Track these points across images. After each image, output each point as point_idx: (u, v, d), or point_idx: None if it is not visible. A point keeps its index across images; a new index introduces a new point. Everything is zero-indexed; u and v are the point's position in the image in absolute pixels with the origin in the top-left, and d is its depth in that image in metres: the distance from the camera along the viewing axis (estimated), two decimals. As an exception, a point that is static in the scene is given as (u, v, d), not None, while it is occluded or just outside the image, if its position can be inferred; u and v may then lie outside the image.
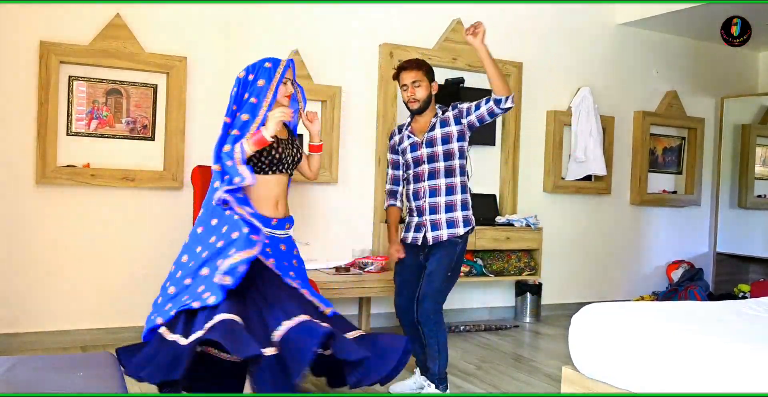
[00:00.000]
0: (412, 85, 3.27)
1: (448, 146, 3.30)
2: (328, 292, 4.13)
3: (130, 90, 4.24)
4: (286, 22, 4.64)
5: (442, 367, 3.33)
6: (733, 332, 2.47)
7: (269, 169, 2.99)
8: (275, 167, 3.00)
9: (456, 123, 3.31)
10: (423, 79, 3.28)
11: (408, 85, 3.28)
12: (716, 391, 2.25)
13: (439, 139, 3.30)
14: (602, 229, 5.98)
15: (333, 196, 4.81)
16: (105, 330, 4.20)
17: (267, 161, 2.96)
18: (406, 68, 3.29)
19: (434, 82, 3.35)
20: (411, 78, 3.26)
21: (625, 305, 2.95)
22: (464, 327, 4.93)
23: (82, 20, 4.09)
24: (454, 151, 3.30)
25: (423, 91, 3.27)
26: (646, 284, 6.25)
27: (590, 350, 2.73)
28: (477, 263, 5.00)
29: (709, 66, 6.53)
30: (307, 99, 4.54)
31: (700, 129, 6.43)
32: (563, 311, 5.68)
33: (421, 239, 3.35)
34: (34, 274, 4.05)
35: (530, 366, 4.07)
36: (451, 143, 3.30)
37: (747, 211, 6.48)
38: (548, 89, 5.62)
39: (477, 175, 5.32)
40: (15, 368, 2.09)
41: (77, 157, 4.13)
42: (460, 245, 3.33)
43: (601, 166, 5.60)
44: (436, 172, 3.31)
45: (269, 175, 2.99)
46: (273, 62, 2.97)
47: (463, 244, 3.35)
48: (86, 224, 4.15)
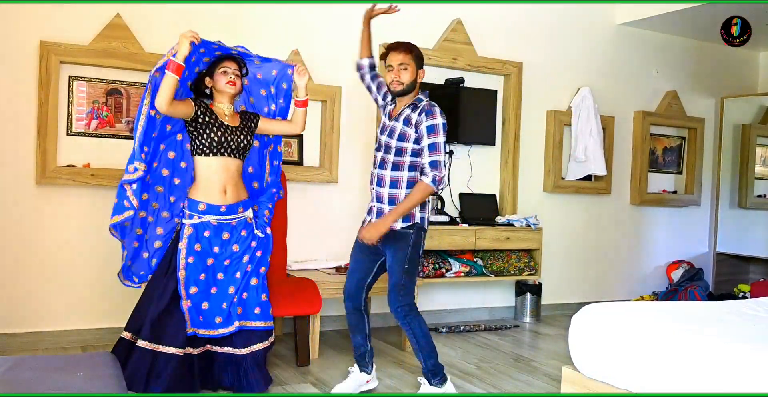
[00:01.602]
0: (399, 67, 3.18)
1: (401, 144, 3.18)
2: (328, 292, 4.13)
3: (130, 90, 4.24)
4: (286, 22, 4.64)
5: (428, 360, 3.25)
6: (733, 332, 2.47)
7: (209, 151, 3.19)
8: (215, 150, 3.19)
9: (417, 131, 3.16)
10: (410, 63, 3.20)
11: (394, 67, 3.19)
12: (716, 391, 2.25)
13: (398, 133, 3.18)
14: (602, 229, 5.98)
15: (333, 196, 4.81)
16: (105, 330, 4.20)
17: (207, 143, 3.17)
18: (395, 49, 3.21)
19: (422, 70, 3.26)
20: (398, 60, 3.18)
21: (625, 305, 2.95)
22: (464, 327, 4.93)
23: (82, 20, 4.09)
24: (406, 149, 3.17)
25: (408, 75, 3.18)
26: (646, 284, 6.25)
27: (590, 350, 2.73)
28: (477, 263, 5.00)
29: (709, 66, 6.54)
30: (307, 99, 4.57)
31: (700, 129, 6.43)
32: (563, 311, 5.69)
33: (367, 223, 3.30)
34: (34, 274, 4.05)
35: (530, 366, 4.07)
36: (406, 142, 3.17)
37: (747, 211, 6.48)
38: (548, 89, 5.62)
39: (477, 175, 5.34)
40: (15, 368, 2.10)
41: (77, 157, 4.13)
42: (411, 237, 3.18)
43: (601, 166, 5.60)
44: (385, 163, 3.22)
45: (210, 158, 3.20)
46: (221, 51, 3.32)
47: (415, 236, 3.19)
48: (86, 224, 4.15)
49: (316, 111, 4.73)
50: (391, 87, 3.21)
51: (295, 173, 4.60)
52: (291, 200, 4.44)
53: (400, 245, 3.19)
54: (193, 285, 3.21)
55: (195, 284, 3.22)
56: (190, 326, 3.19)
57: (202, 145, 3.19)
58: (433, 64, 5.04)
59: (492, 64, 5.26)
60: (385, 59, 3.26)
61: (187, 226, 3.22)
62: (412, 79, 3.19)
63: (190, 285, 3.20)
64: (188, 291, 3.20)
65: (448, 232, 4.79)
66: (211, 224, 3.24)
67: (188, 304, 3.19)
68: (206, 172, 3.23)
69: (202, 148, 3.20)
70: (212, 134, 3.18)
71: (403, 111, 3.23)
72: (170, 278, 3.21)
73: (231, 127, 3.25)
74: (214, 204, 3.22)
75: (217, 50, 3.29)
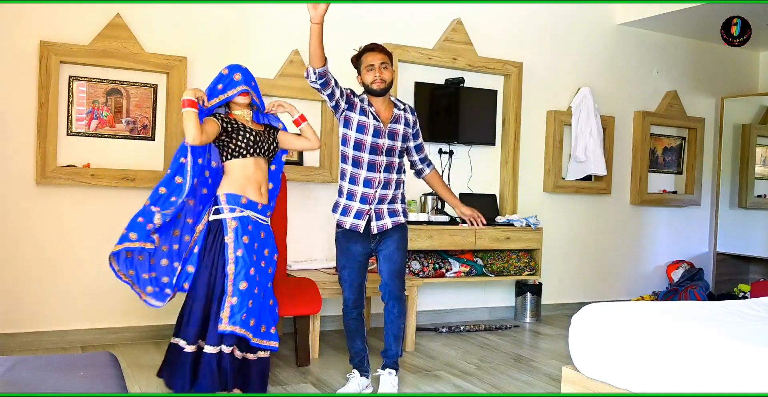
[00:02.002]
0: (381, 66, 3.26)
1: (404, 144, 3.40)
2: (328, 292, 4.13)
3: (130, 90, 4.24)
4: (286, 22, 4.64)
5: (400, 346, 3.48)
6: (734, 332, 2.47)
7: (246, 152, 3.23)
8: (252, 149, 3.23)
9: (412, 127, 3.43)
10: (389, 63, 3.32)
11: (376, 66, 3.25)
12: (716, 391, 2.25)
13: (401, 135, 3.35)
14: (602, 229, 5.98)
15: (333, 196, 4.79)
16: (105, 330, 4.20)
17: (243, 144, 3.22)
18: (374, 49, 3.31)
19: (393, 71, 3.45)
20: (380, 59, 3.27)
21: (625, 305, 2.95)
22: (464, 327, 4.93)
23: (82, 20, 4.09)
24: (402, 149, 3.40)
25: (389, 74, 3.29)
26: (646, 284, 6.25)
27: (590, 350, 2.73)
28: (477, 262, 5.00)
29: (709, 66, 6.53)
30: (308, 99, 4.58)
31: (700, 129, 6.43)
32: (563, 311, 5.69)
33: (363, 227, 3.29)
34: (34, 274, 4.05)
35: (530, 366, 4.07)
36: (406, 142, 3.42)
37: (747, 211, 6.48)
38: (548, 89, 5.62)
39: (477, 175, 5.34)
40: (15, 368, 2.09)
41: (77, 157, 4.13)
42: (407, 230, 3.46)
43: (601, 166, 5.60)
44: (391, 166, 3.33)
45: (247, 158, 3.24)
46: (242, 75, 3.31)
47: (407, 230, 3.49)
48: (86, 224, 4.15)
49: (316, 111, 4.73)
50: (373, 85, 3.27)
51: (295, 173, 4.60)
52: (291, 200, 4.44)
53: (401, 235, 3.39)
54: (244, 280, 3.11)
55: (245, 279, 3.12)
56: (228, 324, 3.07)
57: (237, 147, 3.22)
58: (433, 64, 5.05)
59: (492, 64, 5.26)
60: (359, 60, 3.33)
61: (229, 219, 3.15)
62: (391, 79, 3.32)
63: (239, 280, 3.11)
64: (237, 286, 3.09)
65: (448, 232, 4.79)
66: (251, 220, 3.21)
67: (233, 301, 3.08)
68: (244, 171, 3.24)
69: (238, 150, 3.22)
70: (243, 138, 3.23)
71: (396, 113, 3.35)
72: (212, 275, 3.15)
73: (257, 131, 3.30)
74: (254, 201, 3.24)
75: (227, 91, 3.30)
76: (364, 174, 3.27)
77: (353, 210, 3.29)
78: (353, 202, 3.30)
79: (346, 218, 3.30)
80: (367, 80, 3.28)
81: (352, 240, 3.33)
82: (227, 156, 3.25)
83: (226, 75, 3.27)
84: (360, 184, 3.28)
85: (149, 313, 4.31)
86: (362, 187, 3.28)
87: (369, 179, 3.28)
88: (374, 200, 3.29)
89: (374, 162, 3.28)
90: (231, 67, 3.31)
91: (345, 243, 3.35)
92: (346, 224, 3.30)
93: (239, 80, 3.25)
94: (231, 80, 3.26)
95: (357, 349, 3.44)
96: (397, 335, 3.40)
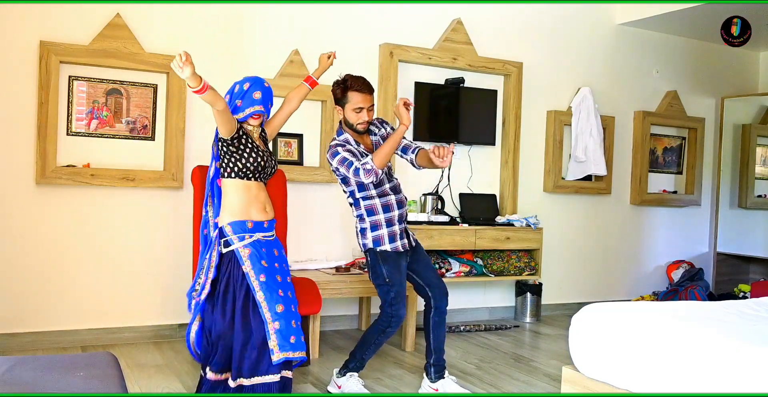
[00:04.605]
0: (368, 110, 3.27)
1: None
2: (328, 292, 4.13)
3: (130, 90, 4.24)
4: (286, 22, 4.64)
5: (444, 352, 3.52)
6: (734, 332, 2.47)
7: (252, 176, 3.03)
8: (259, 175, 3.06)
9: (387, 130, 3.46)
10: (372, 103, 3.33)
11: (364, 109, 3.25)
12: (717, 391, 2.25)
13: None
14: (602, 229, 5.98)
15: (333, 196, 4.81)
16: (105, 330, 4.20)
17: (251, 167, 3.01)
18: (363, 92, 3.24)
19: None
20: (369, 102, 3.26)
21: (625, 305, 2.95)
22: (464, 327, 4.93)
23: (82, 20, 4.09)
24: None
25: (373, 114, 3.34)
26: (646, 284, 6.24)
27: (590, 350, 2.73)
28: (477, 263, 5.00)
29: (709, 66, 6.53)
30: (308, 99, 4.56)
31: (700, 129, 6.42)
32: (563, 311, 5.69)
33: (408, 244, 3.42)
34: (34, 274, 4.05)
35: (530, 366, 4.07)
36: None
37: (747, 211, 6.48)
38: (548, 89, 5.62)
39: (477, 175, 5.34)
40: (15, 368, 2.09)
41: (77, 157, 4.13)
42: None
43: (601, 166, 5.60)
44: (398, 187, 3.47)
45: (252, 181, 3.05)
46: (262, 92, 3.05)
47: None
48: (86, 224, 4.15)
49: (316, 111, 4.73)
50: (359, 127, 3.30)
51: (295, 173, 4.60)
52: (291, 199, 4.44)
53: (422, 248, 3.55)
54: (278, 302, 2.95)
55: (278, 301, 2.96)
56: (279, 351, 2.91)
57: (246, 168, 3.00)
58: (433, 64, 5.05)
59: (492, 64, 5.26)
60: (345, 95, 3.26)
61: (241, 249, 2.97)
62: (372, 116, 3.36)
63: (274, 304, 2.94)
64: (274, 311, 2.93)
65: (448, 232, 4.79)
66: (261, 242, 3.04)
67: (276, 326, 2.91)
68: (247, 194, 3.04)
69: (244, 171, 3.00)
70: (253, 160, 3.01)
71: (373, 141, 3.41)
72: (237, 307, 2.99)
73: (263, 152, 3.09)
74: (258, 221, 3.04)
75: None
76: (394, 198, 3.39)
77: (398, 232, 3.38)
78: (394, 227, 3.37)
79: (395, 243, 3.36)
80: (352, 120, 3.27)
81: (402, 258, 3.40)
82: (230, 174, 3.02)
83: (247, 91, 3.01)
84: (395, 208, 3.38)
85: (149, 313, 4.32)
86: (398, 210, 3.39)
87: (400, 201, 3.42)
88: (404, 217, 3.44)
89: (395, 186, 3.44)
90: (253, 82, 3.03)
91: (397, 260, 3.36)
92: (398, 248, 3.36)
93: (258, 99, 3.01)
94: (250, 99, 3.01)
95: (367, 360, 3.47)
96: (442, 342, 3.47)
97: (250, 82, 3.03)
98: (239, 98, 3.03)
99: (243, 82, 3.05)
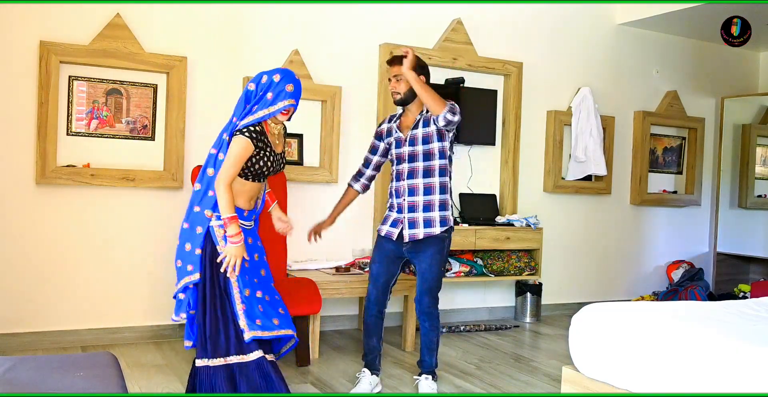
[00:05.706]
0: (395, 79, 3.34)
1: (428, 146, 3.32)
2: (328, 292, 4.13)
3: (130, 90, 4.24)
4: (286, 22, 4.64)
5: (435, 357, 3.51)
6: (734, 332, 2.47)
7: (254, 178, 3.00)
8: (262, 177, 3.02)
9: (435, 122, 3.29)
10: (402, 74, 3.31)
11: (391, 79, 3.36)
12: (717, 391, 2.25)
13: (420, 138, 3.33)
14: (602, 229, 5.98)
15: (333, 196, 4.80)
16: (105, 330, 4.20)
17: (260, 171, 2.97)
18: (390, 63, 3.38)
19: (421, 76, 3.29)
20: (394, 72, 3.34)
21: (625, 305, 2.95)
22: (464, 327, 4.93)
23: (82, 20, 4.09)
24: (434, 151, 3.32)
25: (404, 85, 3.32)
26: (646, 284, 6.25)
27: (590, 350, 2.73)
28: (477, 262, 5.00)
29: (709, 66, 6.53)
30: (308, 99, 4.57)
31: (700, 129, 6.42)
32: (563, 311, 5.69)
33: (396, 234, 3.39)
34: (34, 274, 4.04)
35: (530, 366, 4.07)
36: (431, 143, 3.32)
37: (747, 211, 6.48)
38: (548, 89, 5.62)
39: (477, 176, 5.34)
40: (15, 368, 2.09)
41: (77, 157, 4.13)
42: (447, 241, 3.40)
43: (601, 166, 5.60)
44: (415, 172, 3.34)
45: (250, 182, 2.99)
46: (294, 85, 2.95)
47: (448, 240, 3.42)
48: (86, 224, 4.15)
49: (316, 111, 4.73)
50: (393, 97, 3.40)
51: (295, 173, 4.60)
52: (291, 199, 4.44)
53: (438, 248, 3.36)
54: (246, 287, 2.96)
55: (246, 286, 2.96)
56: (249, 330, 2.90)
57: (256, 172, 2.96)
58: (433, 64, 5.04)
59: (492, 64, 5.26)
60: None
61: (216, 228, 2.92)
62: (408, 88, 3.32)
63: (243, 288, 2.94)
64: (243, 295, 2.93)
65: (448, 232, 4.79)
66: None
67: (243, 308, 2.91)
68: (241, 188, 2.99)
69: (253, 174, 2.96)
70: (263, 165, 2.95)
71: (417, 119, 3.37)
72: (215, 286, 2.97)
73: (277, 155, 3.03)
74: (240, 208, 2.99)
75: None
76: (394, 185, 3.43)
77: (390, 219, 3.43)
78: (392, 212, 3.44)
79: (383, 226, 3.45)
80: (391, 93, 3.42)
81: (387, 243, 3.43)
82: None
83: (278, 83, 2.87)
84: (393, 195, 3.43)
85: (149, 313, 4.32)
86: (395, 199, 3.41)
87: (396, 189, 3.41)
88: (404, 208, 3.37)
89: (399, 171, 3.40)
90: (284, 74, 2.90)
91: (380, 242, 3.45)
92: (382, 231, 3.44)
93: (291, 93, 2.88)
94: (283, 91, 2.87)
95: (371, 346, 3.47)
96: (430, 347, 3.46)
97: (281, 74, 2.90)
98: (270, 90, 2.88)
99: (272, 72, 2.91)
